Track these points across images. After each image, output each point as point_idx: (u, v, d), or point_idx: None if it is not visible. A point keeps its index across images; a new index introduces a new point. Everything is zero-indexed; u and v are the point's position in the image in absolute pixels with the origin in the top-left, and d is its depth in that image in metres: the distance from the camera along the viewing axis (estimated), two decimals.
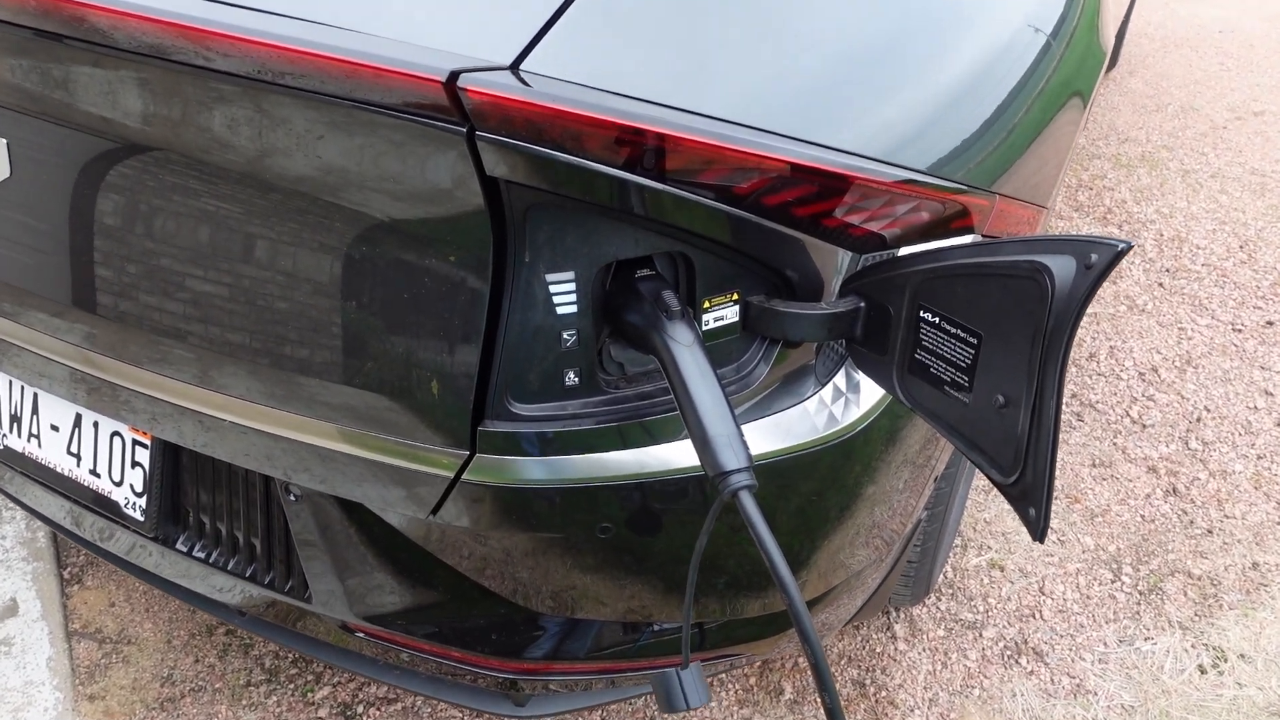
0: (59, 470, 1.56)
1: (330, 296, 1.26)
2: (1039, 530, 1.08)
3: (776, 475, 1.36)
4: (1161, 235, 3.32)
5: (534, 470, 1.30)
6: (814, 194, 1.24)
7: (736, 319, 1.34)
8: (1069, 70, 1.70)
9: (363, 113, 1.11)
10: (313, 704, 1.87)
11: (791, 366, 1.39)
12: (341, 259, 1.23)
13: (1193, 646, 2.00)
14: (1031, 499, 1.09)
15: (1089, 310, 2.95)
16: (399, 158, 1.14)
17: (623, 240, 1.25)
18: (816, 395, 1.40)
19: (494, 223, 1.17)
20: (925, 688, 1.91)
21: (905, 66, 1.36)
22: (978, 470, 1.34)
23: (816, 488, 1.41)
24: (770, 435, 1.36)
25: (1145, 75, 4.63)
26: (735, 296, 1.32)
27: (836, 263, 1.35)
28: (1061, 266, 1.05)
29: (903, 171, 1.29)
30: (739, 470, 1.11)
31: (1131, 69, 4.73)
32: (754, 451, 1.24)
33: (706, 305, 1.31)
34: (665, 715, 1.58)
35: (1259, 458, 2.46)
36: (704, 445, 1.13)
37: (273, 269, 1.27)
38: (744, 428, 1.23)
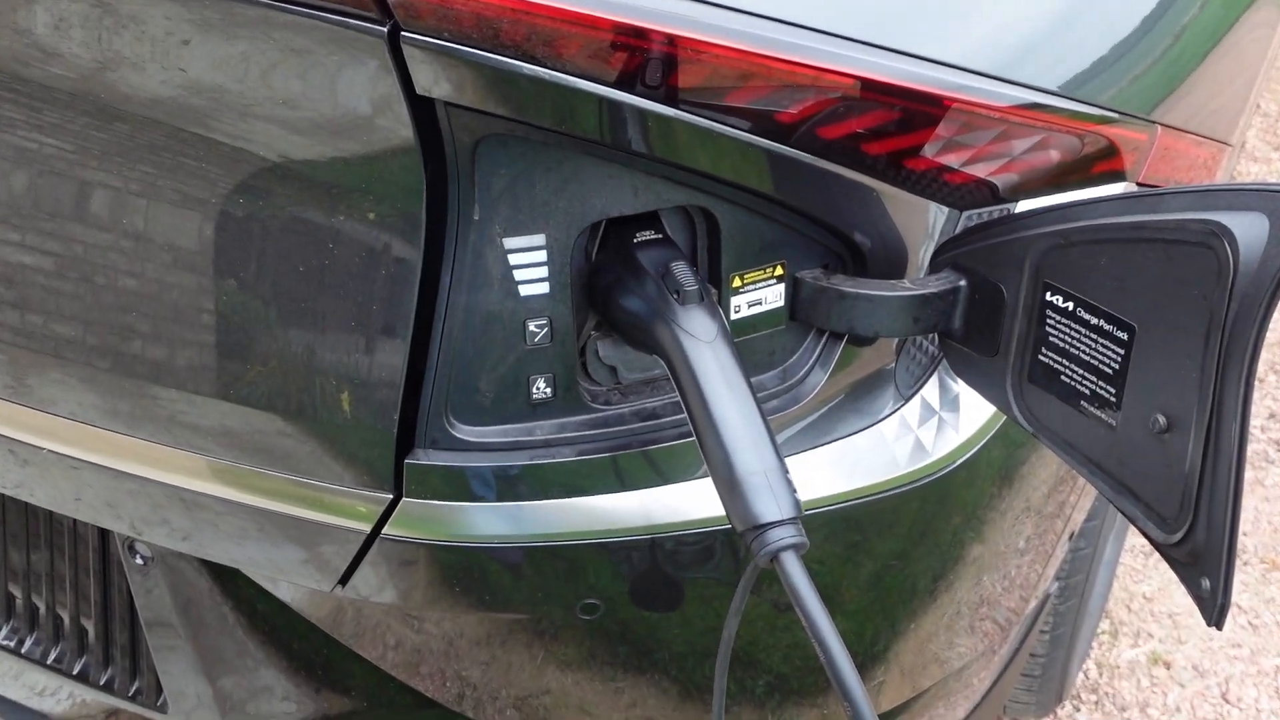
0: None
1: (198, 272, 1.28)
2: (1215, 611, 1.10)
3: (839, 530, 1.38)
4: None
5: (488, 521, 1.32)
6: (893, 123, 1.27)
7: (781, 303, 1.37)
8: None
9: (245, 8, 1.14)
10: None
11: (860, 373, 1.41)
12: (214, 218, 1.26)
13: None
14: (1206, 565, 1.10)
15: None
16: (294, 72, 1.17)
17: (616, 190, 1.28)
18: (897, 414, 1.42)
19: (428, 164, 1.20)
20: None
21: None
22: (1130, 524, 1.33)
23: (897, 547, 1.42)
24: (830, 472, 1.39)
25: None
26: (779, 271, 1.36)
27: (927, 223, 1.38)
28: (1248, 228, 1.05)
29: (1023, 92, 1.32)
30: (781, 523, 1.14)
31: None
32: (805, 496, 1.25)
33: (738, 284, 1.35)
34: None
35: None
36: (731, 487, 1.16)
37: (116, 231, 1.29)
38: (791, 461, 1.25)
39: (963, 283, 1.36)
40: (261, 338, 1.29)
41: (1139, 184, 1.46)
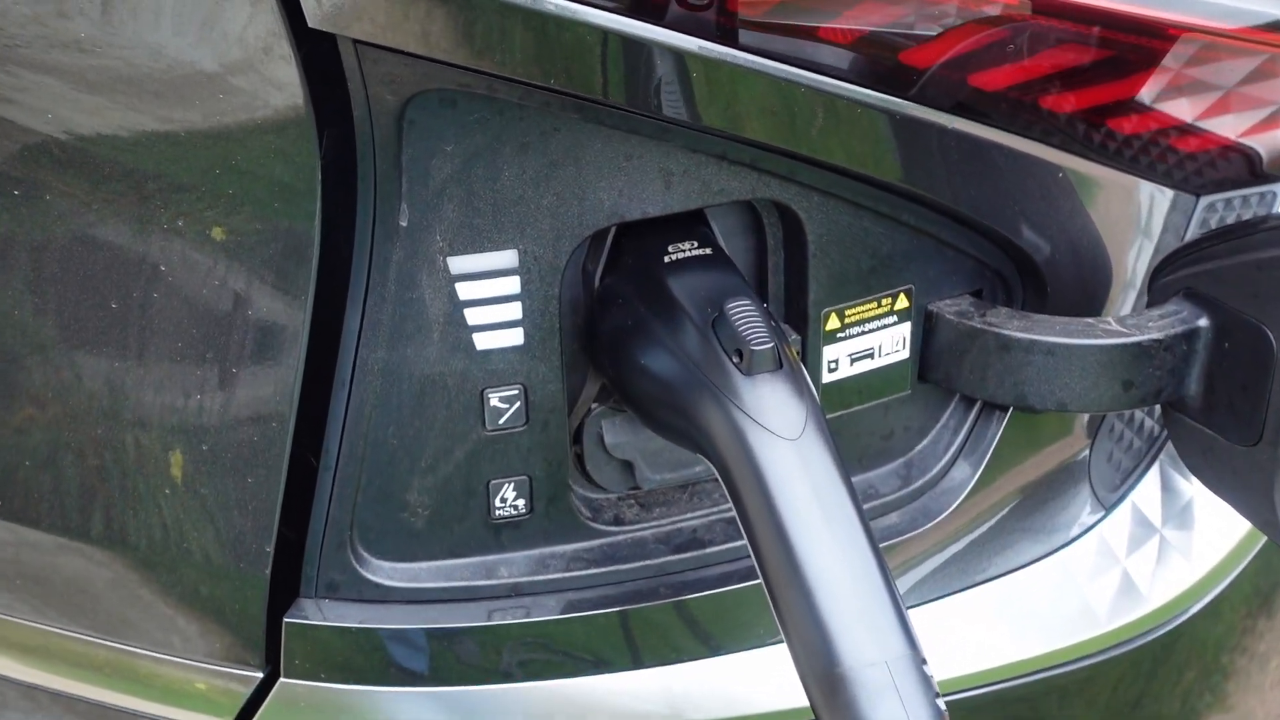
0: None
1: None
2: None
3: (1008, 717, 1.39)
4: None
5: (419, 718, 1.33)
6: (1089, 63, 1.29)
7: (904, 355, 1.38)
8: None
9: None
10: None
11: (1034, 469, 1.45)
12: None
13: None
14: None
15: None
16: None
17: (635, 178, 1.29)
18: (1093, 534, 1.43)
19: (325, 142, 1.21)
20: None
21: None
22: None
23: None
24: (986, 631, 1.42)
25: None
26: (902, 303, 1.37)
27: (1140, 222, 1.39)
28: None
29: None
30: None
31: None
32: (951, 671, 1.32)
33: (834, 325, 1.36)
34: None
35: None
36: (830, 688, 1.15)
37: None
38: (924, 613, 1.33)
39: (1203, 322, 1.36)
40: (40, 418, 1.31)
41: None
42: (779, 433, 1.23)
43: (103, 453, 1.33)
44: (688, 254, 1.33)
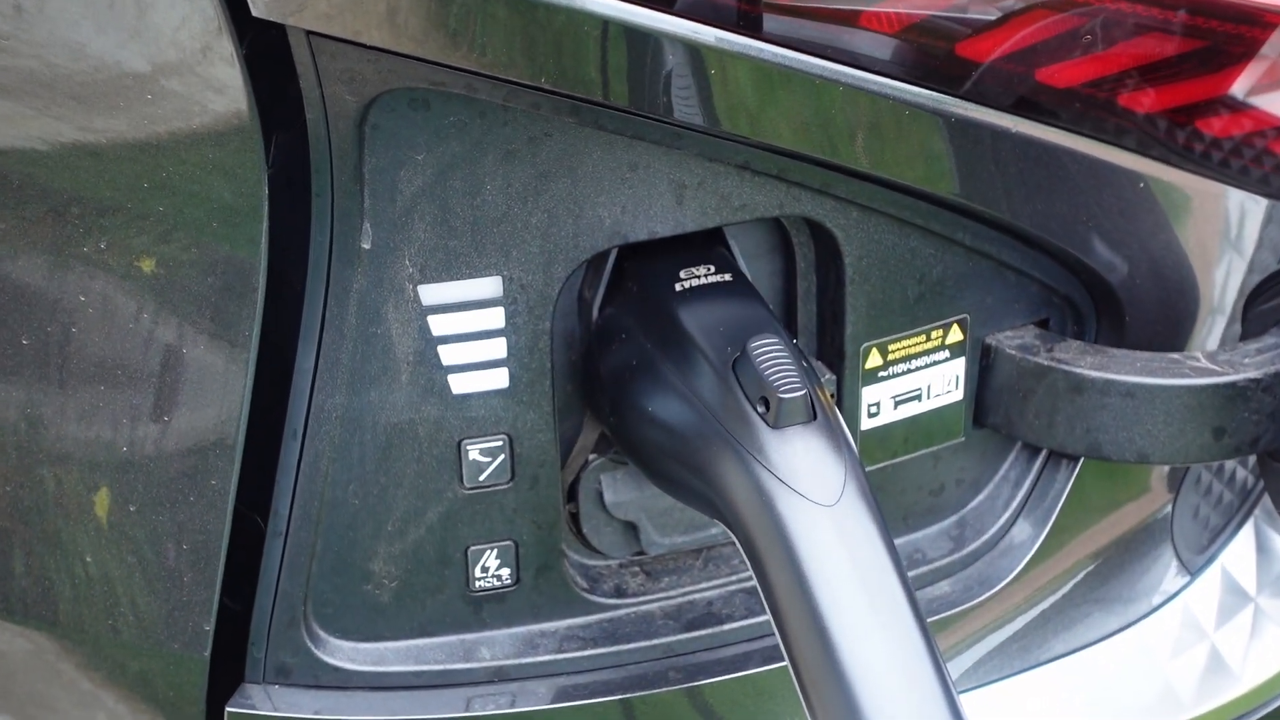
0: None
1: None
2: None
3: None
4: None
5: None
6: (1175, 57, 1.26)
7: (958, 396, 1.36)
8: None
9: None
10: None
11: (1109, 530, 1.39)
12: None
13: None
14: None
15: None
16: None
17: (641, 192, 1.26)
18: (1177, 603, 1.38)
19: (273, 151, 1.19)
20: None
21: None
22: None
23: None
24: (1056, 716, 1.36)
25: None
26: (955, 336, 1.35)
27: (1229, 236, 1.37)
28: None
29: None
30: None
31: None
32: None
33: (875, 362, 1.34)
34: None
35: None
36: None
37: None
38: (970, 693, 1.31)
39: None
40: None
41: None
42: (813, 498, 1.18)
43: (14, 512, 1.29)
44: (703, 281, 1.28)
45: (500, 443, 1.27)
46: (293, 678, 1.28)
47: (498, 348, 1.25)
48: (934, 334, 1.32)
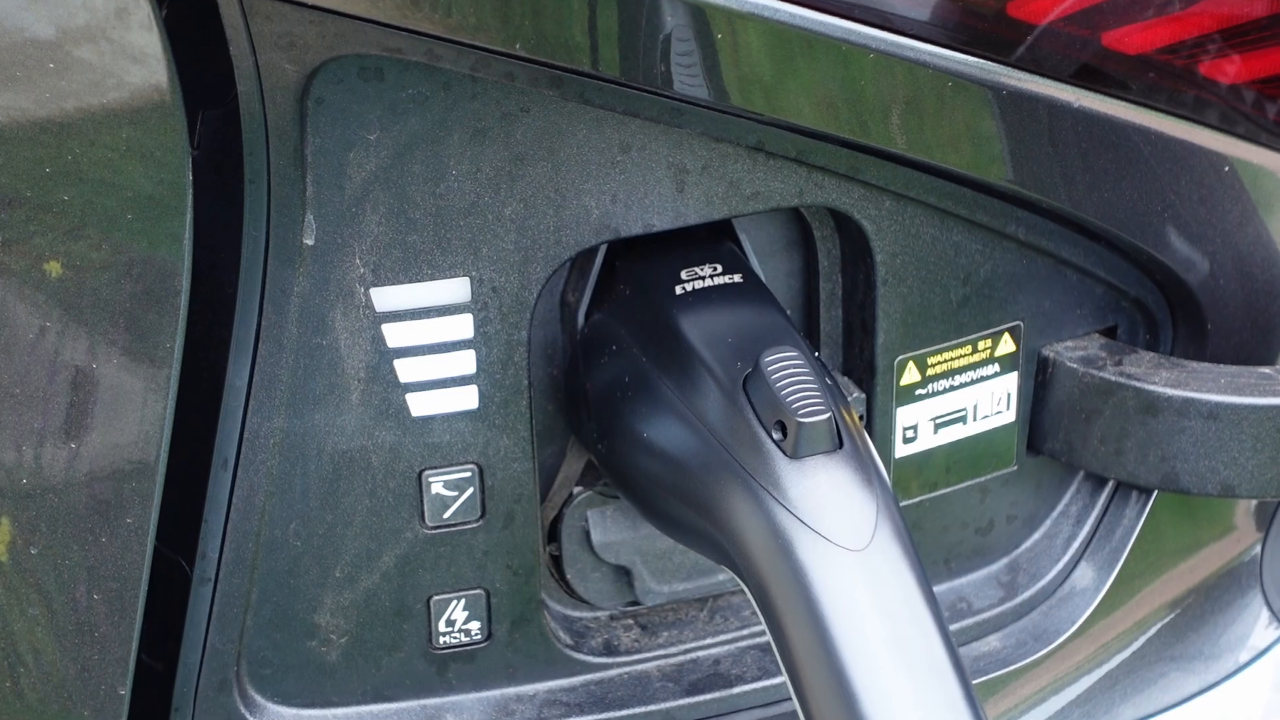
0: None
1: None
2: None
3: None
4: None
5: None
6: (1259, 20, 1.26)
7: (1010, 418, 1.34)
8: None
9: None
10: None
11: (1188, 576, 1.35)
12: None
13: None
14: None
15: None
16: None
17: (636, 177, 1.23)
18: (1268, 657, 1.36)
19: (199, 133, 1.16)
20: None
21: None
22: None
23: None
24: None
25: None
26: (1006, 347, 1.33)
27: None
28: None
29: None
30: None
31: None
32: None
33: (913, 378, 1.32)
34: None
35: None
36: None
37: None
38: None
39: None
40: None
41: None
42: (838, 541, 1.11)
43: None
44: (708, 282, 1.24)
45: (468, 474, 1.23)
46: None
47: (465, 362, 1.21)
48: (981, 345, 1.29)
